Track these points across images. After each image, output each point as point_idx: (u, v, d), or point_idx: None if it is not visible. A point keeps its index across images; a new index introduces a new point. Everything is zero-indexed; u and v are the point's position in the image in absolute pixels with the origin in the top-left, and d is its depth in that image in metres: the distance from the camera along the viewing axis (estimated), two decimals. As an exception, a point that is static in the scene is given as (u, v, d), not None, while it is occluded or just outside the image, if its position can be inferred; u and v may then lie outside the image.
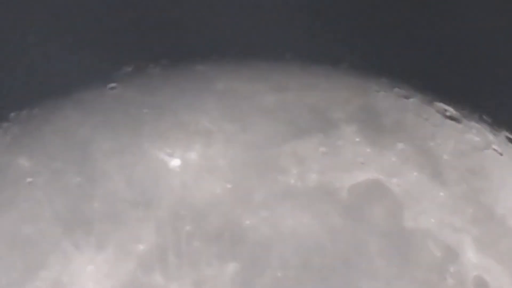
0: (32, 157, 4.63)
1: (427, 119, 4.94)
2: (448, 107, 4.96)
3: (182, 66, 5.04)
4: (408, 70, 4.97)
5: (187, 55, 5.04)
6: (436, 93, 4.97)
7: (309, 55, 5.06)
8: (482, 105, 4.88)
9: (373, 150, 4.76)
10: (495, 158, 4.81)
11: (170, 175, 4.57)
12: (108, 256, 4.25)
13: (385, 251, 4.32)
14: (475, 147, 4.83)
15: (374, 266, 4.26)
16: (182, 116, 4.84)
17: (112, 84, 4.96)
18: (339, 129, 4.84)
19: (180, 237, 4.31)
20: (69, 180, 4.53)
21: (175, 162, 4.63)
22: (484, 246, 4.40)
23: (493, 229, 4.48)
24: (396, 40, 4.91)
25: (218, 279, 4.18)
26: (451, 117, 4.94)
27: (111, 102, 4.90)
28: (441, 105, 4.97)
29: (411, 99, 5.02)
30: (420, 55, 4.91)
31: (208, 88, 4.97)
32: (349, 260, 4.28)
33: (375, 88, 5.05)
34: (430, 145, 4.82)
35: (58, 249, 4.27)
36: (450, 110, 4.95)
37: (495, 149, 4.81)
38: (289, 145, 4.75)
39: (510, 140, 4.87)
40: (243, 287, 4.17)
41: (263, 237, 4.34)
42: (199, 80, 5.01)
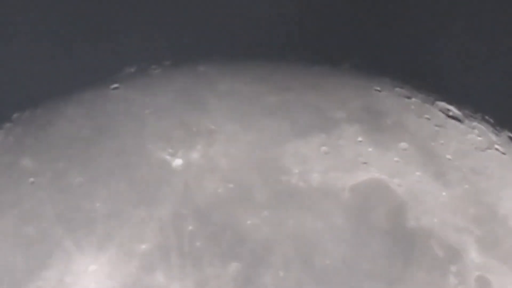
0: (34, 157, 4.64)
1: (429, 119, 4.93)
2: (451, 107, 4.95)
3: (184, 67, 5.05)
4: (410, 70, 4.98)
5: (189, 56, 5.05)
6: (438, 93, 4.97)
7: (311, 55, 5.06)
8: (485, 105, 4.87)
9: (375, 150, 4.76)
10: (497, 158, 4.80)
11: (172, 175, 4.58)
12: (111, 256, 4.25)
13: (387, 251, 4.32)
14: (477, 147, 4.83)
15: (377, 266, 4.26)
16: (184, 117, 4.85)
17: (114, 85, 4.98)
18: (341, 129, 4.84)
19: (182, 237, 4.31)
20: (71, 180, 4.55)
21: (178, 162, 4.64)
22: (487, 246, 4.40)
23: (495, 229, 4.47)
24: (397, 40, 4.92)
25: (220, 278, 4.19)
26: (454, 117, 4.93)
27: (113, 103, 4.91)
28: (443, 105, 4.97)
29: (413, 99, 5.01)
30: (422, 55, 4.91)
31: (210, 89, 4.98)
32: (351, 260, 4.28)
33: (377, 88, 5.06)
34: (433, 145, 4.82)
35: (61, 249, 4.27)
36: (453, 110, 4.95)
37: (497, 149, 4.81)
38: (291, 145, 4.75)
39: (513, 140, 4.87)
40: (245, 287, 4.17)
41: (265, 237, 4.34)
42: (201, 80, 5.02)
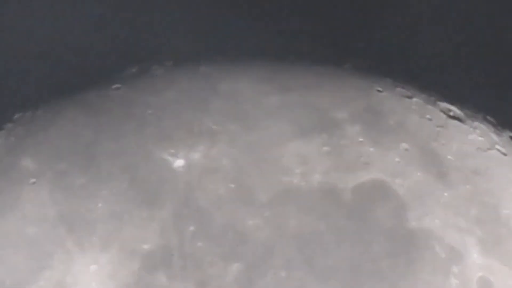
0: (36, 158, 4.64)
1: (431, 119, 4.93)
2: (452, 107, 4.95)
3: (186, 67, 5.06)
4: (411, 70, 4.98)
5: (190, 57, 5.05)
6: (440, 93, 4.97)
7: (312, 56, 5.06)
8: (486, 105, 4.88)
9: (376, 150, 4.76)
10: (499, 159, 4.80)
11: (174, 176, 4.58)
12: (112, 257, 4.25)
13: (389, 252, 4.32)
14: (479, 148, 4.83)
15: (378, 267, 4.26)
16: (186, 117, 4.85)
17: (116, 85, 4.98)
18: (342, 129, 4.84)
19: (184, 237, 4.31)
20: (73, 180, 4.55)
21: (179, 162, 4.64)
22: (489, 246, 4.40)
23: (497, 230, 4.47)
24: (399, 40, 4.92)
25: (222, 279, 4.19)
26: (455, 117, 4.93)
27: (115, 103, 4.91)
28: (444, 105, 4.97)
29: (414, 99, 5.01)
30: (423, 55, 4.92)
31: (212, 89, 4.98)
32: (353, 261, 4.28)
33: (379, 88, 5.06)
34: (434, 146, 4.82)
35: (62, 249, 4.28)
36: (454, 110, 4.95)
37: (499, 150, 4.81)
38: (293, 145, 4.75)
39: (514, 140, 4.87)
40: (246, 287, 4.17)
41: (267, 237, 4.34)
42: (203, 81, 5.02)
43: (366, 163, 4.69)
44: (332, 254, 4.29)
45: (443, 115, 4.95)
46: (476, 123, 4.89)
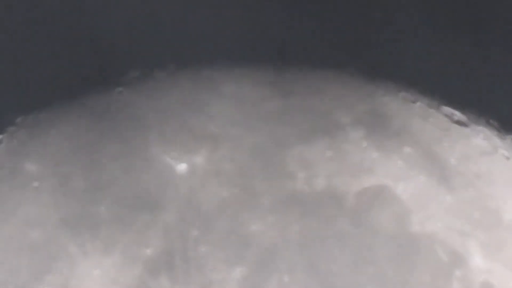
0: (38, 161, 4.63)
1: (434, 123, 4.93)
2: (455, 111, 4.95)
3: (189, 71, 5.05)
4: (415, 74, 4.97)
5: (193, 60, 5.05)
6: (443, 97, 4.97)
7: (315, 59, 5.06)
8: (489, 109, 4.87)
9: (380, 155, 4.76)
10: (502, 163, 4.79)
11: (176, 180, 4.58)
12: (115, 261, 4.25)
13: (392, 256, 4.32)
14: (482, 152, 4.82)
15: (381, 271, 4.26)
16: (188, 121, 4.85)
17: (119, 89, 4.98)
18: (345, 133, 4.84)
19: (187, 241, 4.31)
20: (75, 184, 4.55)
21: (182, 166, 4.64)
22: (491, 251, 4.39)
23: (500, 234, 4.47)
24: (402, 43, 4.91)
25: (225, 283, 4.19)
26: (458, 122, 4.93)
27: (117, 107, 4.91)
28: (448, 109, 4.96)
29: (417, 103, 5.01)
30: (427, 58, 4.91)
31: (215, 93, 4.98)
32: (356, 265, 4.28)
33: (382, 92, 5.05)
34: (437, 150, 4.81)
35: (65, 254, 4.27)
36: (457, 114, 4.94)
37: (502, 154, 4.80)
38: (296, 149, 4.75)
39: (518, 144, 4.86)
40: (250, 292, 4.18)
41: (270, 242, 4.35)
42: (206, 84, 5.02)
43: (369, 168, 4.69)
44: (335, 259, 4.29)
45: (446, 120, 4.95)
46: (479, 127, 4.89)
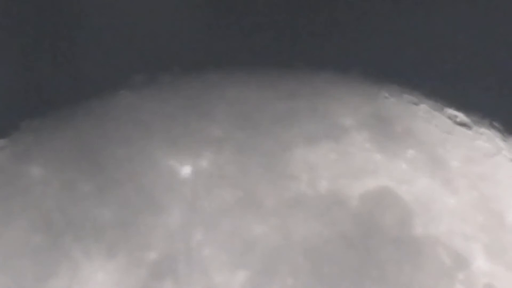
0: (43, 165, 4.65)
1: (437, 125, 4.93)
2: (458, 113, 4.95)
3: (193, 75, 5.06)
4: (418, 77, 4.97)
5: (197, 64, 5.05)
6: (446, 99, 4.97)
7: (319, 62, 5.06)
8: (493, 111, 4.87)
9: (383, 157, 4.75)
10: (505, 164, 4.79)
11: (181, 183, 4.58)
12: (119, 264, 4.25)
13: (395, 258, 4.31)
14: (485, 154, 4.82)
15: (385, 273, 4.25)
16: (193, 124, 4.85)
17: (123, 92, 4.98)
18: (349, 136, 4.84)
19: (191, 244, 4.31)
20: (80, 188, 4.55)
21: (186, 169, 4.64)
22: (494, 253, 4.39)
23: (503, 237, 4.46)
24: (405, 47, 4.92)
25: (229, 286, 4.19)
26: (461, 124, 4.93)
27: (122, 111, 4.92)
28: (451, 111, 4.96)
29: (421, 105, 5.01)
30: (430, 61, 4.91)
31: (219, 96, 4.98)
32: (359, 267, 4.27)
33: (385, 94, 5.05)
34: (440, 152, 4.81)
35: (69, 257, 4.28)
36: (460, 117, 4.94)
37: (505, 156, 4.80)
38: (300, 152, 4.75)
39: (521, 146, 4.87)
40: (253, 294, 4.19)
41: (274, 244, 4.34)
42: (210, 88, 5.03)
43: (373, 170, 4.69)
44: (338, 261, 4.29)
45: (449, 122, 4.95)
46: (482, 129, 4.89)
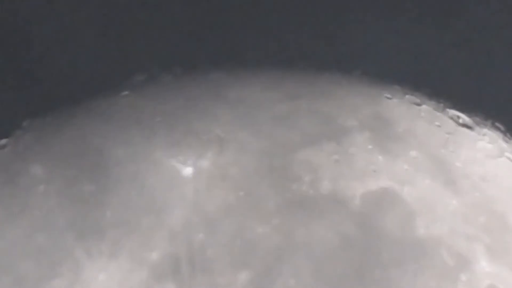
0: (45, 165, 4.64)
1: (440, 126, 4.93)
2: (461, 114, 4.95)
3: (195, 75, 5.06)
4: (420, 77, 4.97)
5: (199, 64, 5.06)
6: (449, 100, 4.97)
7: (321, 63, 5.06)
8: (495, 112, 4.87)
9: (385, 158, 4.75)
10: (507, 166, 4.80)
11: (182, 183, 4.58)
12: (121, 264, 4.25)
13: (397, 259, 4.31)
14: (487, 155, 4.82)
15: (387, 274, 4.25)
16: (194, 124, 4.85)
17: (125, 92, 4.99)
18: (351, 136, 4.84)
19: (193, 245, 4.31)
20: (81, 188, 4.55)
21: (188, 170, 4.64)
22: (497, 254, 4.39)
23: (506, 237, 4.47)
24: (407, 47, 4.92)
25: (231, 287, 4.18)
26: (464, 125, 4.93)
27: (124, 110, 4.92)
28: (453, 112, 4.96)
29: (423, 106, 5.01)
30: (432, 62, 4.91)
31: (221, 97, 4.99)
32: (361, 268, 4.27)
33: (387, 95, 5.06)
34: (443, 153, 4.81)
35: (71, 257, 4.27)
36: (463, 117, 4.94)
37: (508, 157, 4.80)
38: (302, 153, 4.75)
39: (523, 148, 4.87)
40: (255, 295, 4.18)
41: (276, 245, 4.34)
42: (212, 88, 5.03)
43: (374, 171, 4.69)
44: (340, 262, 4.29)
45: (452, 123, 4.95)
46: (484, 130, 4.89)
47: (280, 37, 4.98)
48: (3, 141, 4.73)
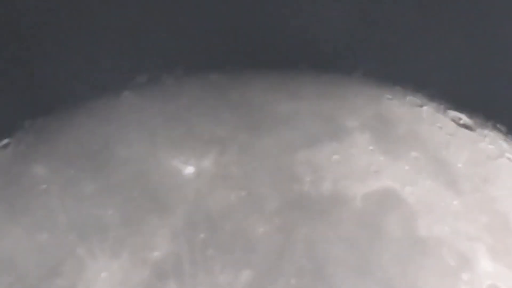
0: (47, 165, 4.65)
1: (441, 127, 4.94)
2: (462, 115, 4.96)
3: (196, 75, 5.07)
4: (422, 78, 4.98)
5: (201, 65, 5.06)
6: (450, 101, 4.98)
7: (322, 63, 5.07)
8: (496, 113, 4.87)
9: (386, 159, 4.76)
10: (509, 167, 4.79)
11: (184, 183, 4.59)
12: (123, 264, 4.25)
13: (399, 260, 4.31)
14: (489, 156, 4.82)
15: (388, 275, 4.25)
16: (196, 125, 4.86)
17: (126, 93, 4.99)
18: (352, 137, 4.85)
19: (195, 244, 4.31)
20: (83, 187, 4.56)
21: (189, 170, 4.65)
22: (499, 254, 4.39)
23: (507, 238, 4.46)
24: (409, 48, 4.92)
25: (232, 286, 4.18)
26: (465, 126, 4.93)
27: (125, 111, 4.92)
28: (455, 113, 4.97)
29: (424, 107, 5.02)
30: (434, 63, 4.91)
31: (222, 97, 4.99)
32: (363, 269, 4.27)
33: (389, 96, 5.06)
34: (444, 154, 4.81)
35: (73, 256, 4.28)
36: (464, 119, 4.95)
37: (509, 157, 4.81)
38: (303, 153, 4.76)
39: (524, 148, 4.87)
40: (257, 295, 4.18)
41: (277, 245, 4.34)
42: (213, 89, 5.04)
43: (376, 172, 4.70)
44: (342, 262, 4.29)
45: (453, 124, 4.95)
46: (486, 132, 4.89)
47: (282, 38, 4.98)
48: (5, 141, 4.73)
